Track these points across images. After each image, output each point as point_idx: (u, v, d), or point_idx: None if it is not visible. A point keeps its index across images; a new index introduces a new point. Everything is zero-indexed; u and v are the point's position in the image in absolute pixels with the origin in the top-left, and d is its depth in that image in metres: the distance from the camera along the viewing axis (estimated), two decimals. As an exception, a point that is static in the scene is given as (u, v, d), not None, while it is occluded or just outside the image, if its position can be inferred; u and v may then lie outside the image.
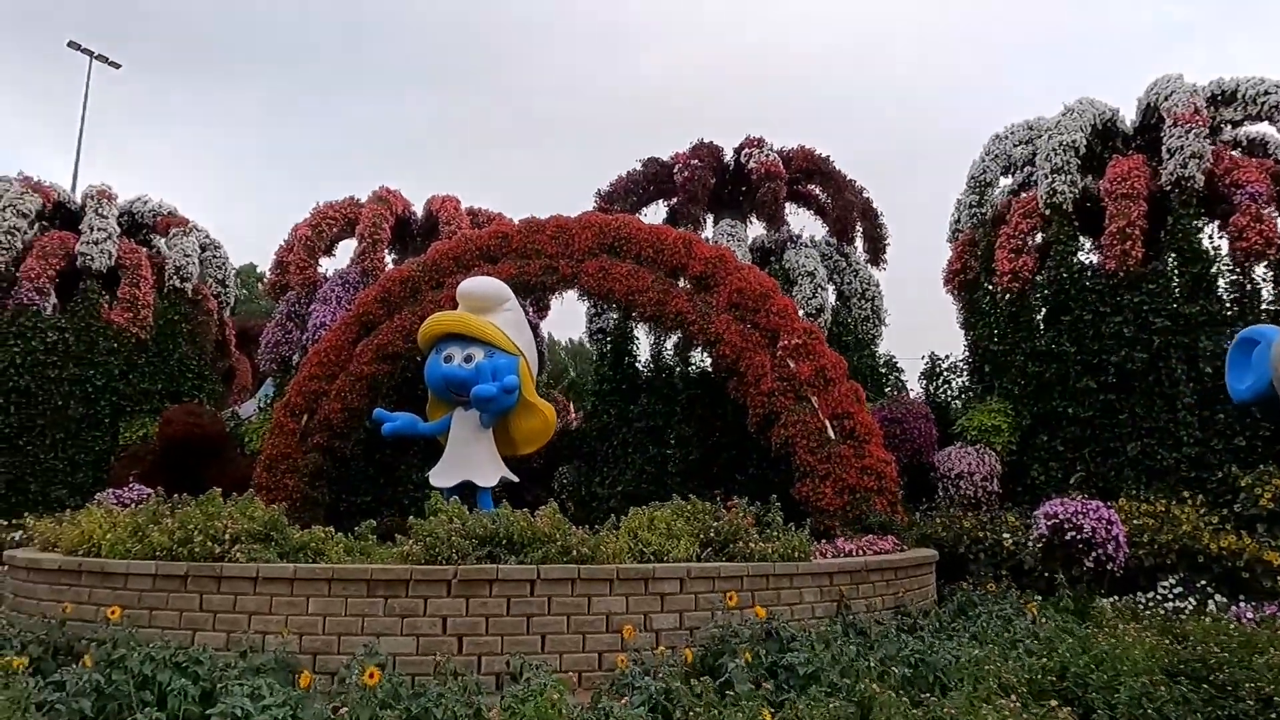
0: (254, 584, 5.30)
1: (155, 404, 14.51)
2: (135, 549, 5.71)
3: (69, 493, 13.52)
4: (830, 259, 13.34)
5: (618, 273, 11.03)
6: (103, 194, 14.83)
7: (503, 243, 11.77)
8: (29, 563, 6.12)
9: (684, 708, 3.90)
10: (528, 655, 5.11)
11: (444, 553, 5.32)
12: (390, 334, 11.76)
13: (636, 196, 13.68)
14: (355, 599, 5.20)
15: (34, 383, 13.53)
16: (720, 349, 10.39)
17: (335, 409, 11.66)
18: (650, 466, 12.27)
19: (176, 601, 5.40)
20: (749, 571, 5.87)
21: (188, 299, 15.36)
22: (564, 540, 5.49)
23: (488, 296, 9.63)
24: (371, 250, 14.01)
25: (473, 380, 8.91)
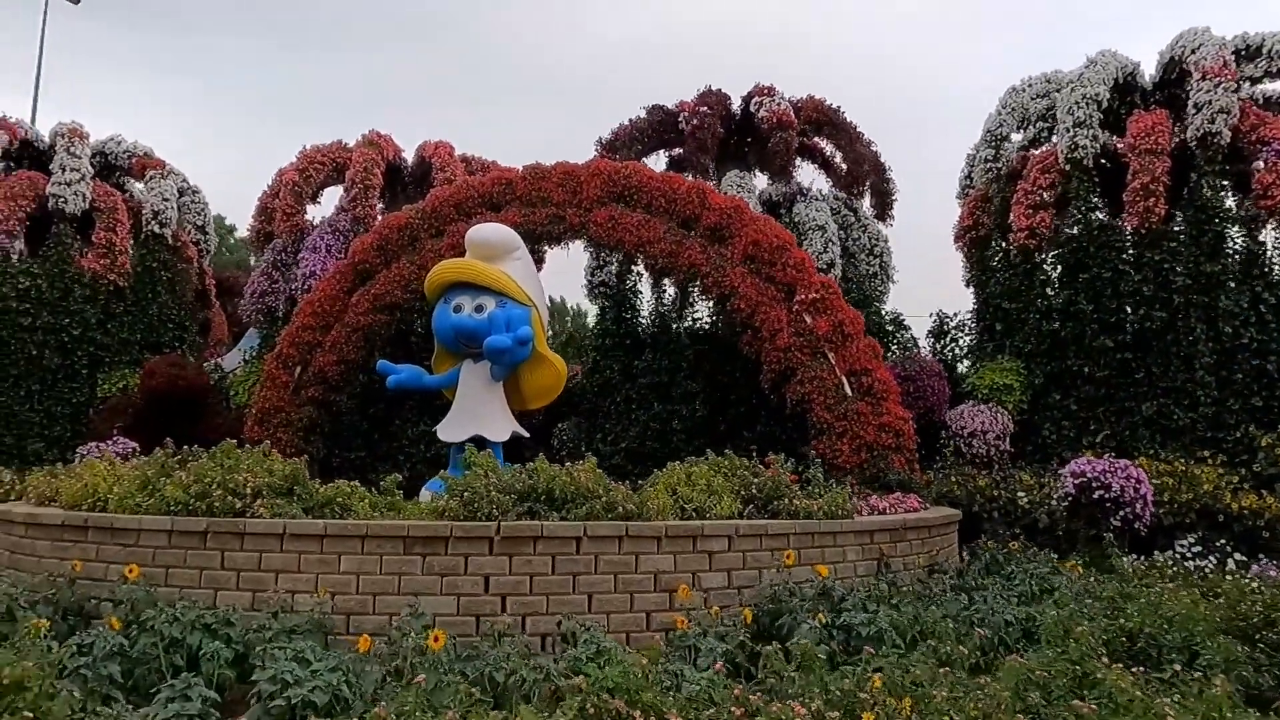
0: (280, 541, 4.97)
1: (135, 355, 13.92)
2: (147, 504, 5.33)
3: (46, 446, 12.98)
4: (839, 214, 13.04)
5: (628, 222, 10.64)
6: (74, 132, 14.01)
7: (507, 189, 11.30)
8: (28, 518, 5.72)
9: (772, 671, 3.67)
10: (574, 615, 4.86)
11: (483, 508, 5.02)
12: (388, 283, 11.29)
13: (641, 145, 13.22)
14: (391, 557, 4.90)
15: (6, 331, 12.88)
16: (735, 302, 10.09)
17: (330, 361, 11.22)
18: (655, 423, 12.01)
19: (195, 559, 5.06)
20: (795, 529, 5.66)
21: (166, 246, 14.67)
22: (609, 496, 5.21)
23: (498, 244, 9.20)
24: (363, 197, 13.44)
25: (485, 331, 8.53)
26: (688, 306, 13.15)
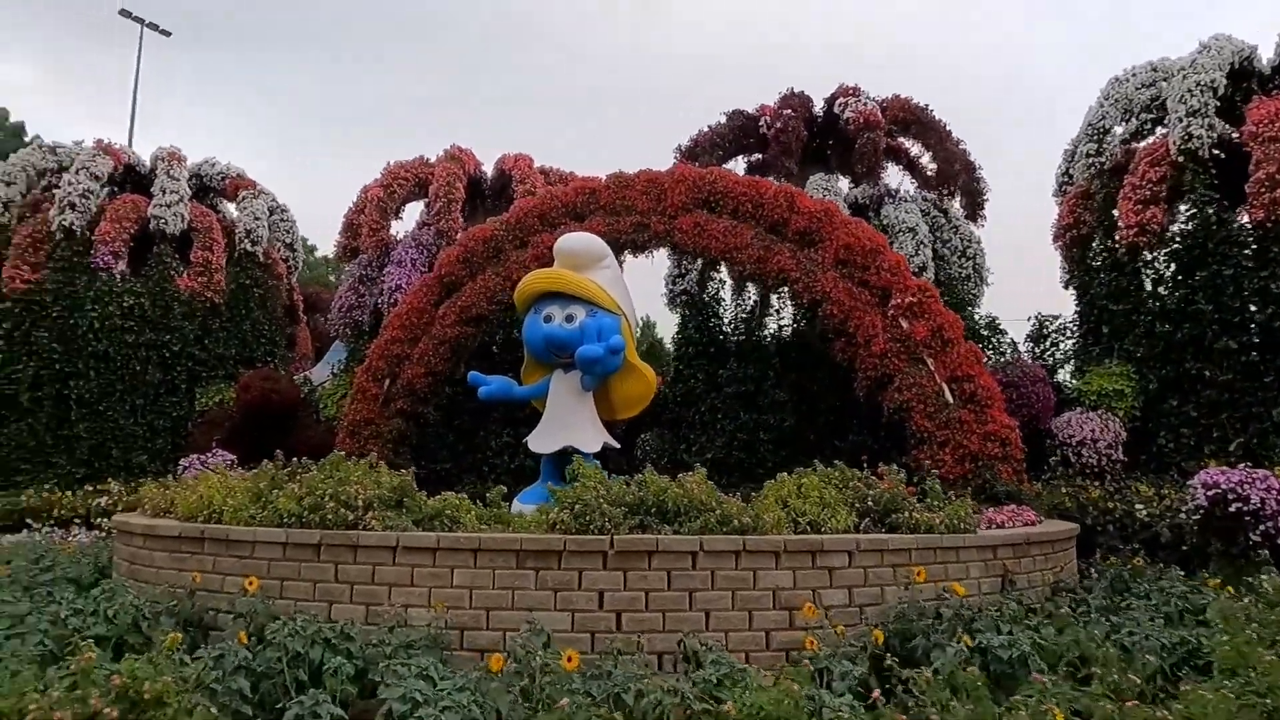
0: (393, 554, 4.92)
1: (230, 369, 14.35)
2: (260, 516, 5.36)
3: (149, 459, 13.45)
4: (928, 215, 12.60)
5: (714, 229, 10.46)
6: (173, 156, 14.57)
7: (590, 199, 11.26)
8: (146, 529, 5.82)
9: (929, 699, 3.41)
10: (692, 633, 4.67)
11: (595, 521, 4.88)
12: (473, 295, 11.37)
13: (722, 151, 13.04)
14: (504, 570, 4.80)
15: (112, 348, 13.40)
16: (827, 308, 9.80)
17: (418, 373, 11.34)
18: (742, 433, 11.77)
19: (309, 572, 5.05)
20: (917, 544, 5.35)
21: (258, 263, 15.12)
22: (723, 509, 5.01)
23: (586, 253, 9.10)
24: (446, 210, 13.59)
25: (576, 341, 8.43)
26: (768, 313, 12.92)
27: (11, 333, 13.22)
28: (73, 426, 13.23)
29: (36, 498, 11.84)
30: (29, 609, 5.05)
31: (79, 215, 13.47)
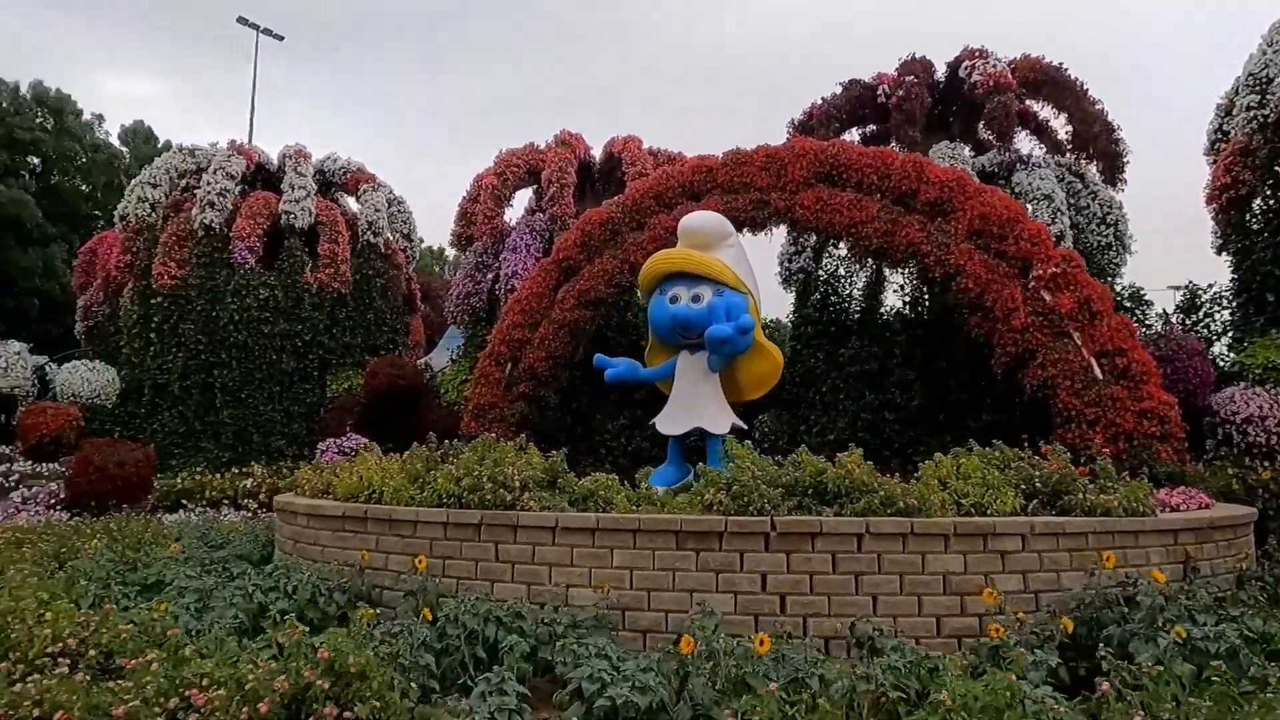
0: (552, 534, 4.96)
1: (357, 358, 14.93)
2: (419, 496, 5.49)
3: (286, 443, 14.14)
4: (1064, 180, 11.88)
5: (838, 203, 10.13)
6: (299, 153, 15.19)
7: (707, 177, 11.09)
8: (310, 509, 6.07)
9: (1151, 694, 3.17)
10: (859, 618, 4.51)
11: (754, 503, 4.77)
12: (592, 279, 11.40)
13: (839, 123, 12.62)
14: (664, 551, 4.76)
15: (250, 338, 14.14)
16: (961, 282, 9.35)
17: (539, 357, 11.48)
18: (866, 414, 11.44)
19: (470, 551, 5.14)
20: (1095, 527, 5.03)
21: (379, 254, 15.64)
22: (886, 490, 4.83)
23: (710, 232, 8.97)
24: (560, 195, 13.69)
25: (705, 321, 8.32)
26: (884, 289, 12.52)
27: (161, 325, 14.12)
28: (218, 413, 14.04)
29: (190, 480, 12.62)
30: (214, 584, 5.33)
31: (217, 213, 14.23)
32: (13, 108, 28.84)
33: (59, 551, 6.96)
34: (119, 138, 33.56)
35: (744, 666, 3.56)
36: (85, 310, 18.48)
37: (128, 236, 14.83)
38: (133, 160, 33.22)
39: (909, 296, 11.98)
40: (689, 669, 3.48)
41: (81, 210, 31.69)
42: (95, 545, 6.75)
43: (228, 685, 3.24)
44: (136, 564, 6.20)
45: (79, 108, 31.08)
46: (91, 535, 7.75)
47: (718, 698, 3.33)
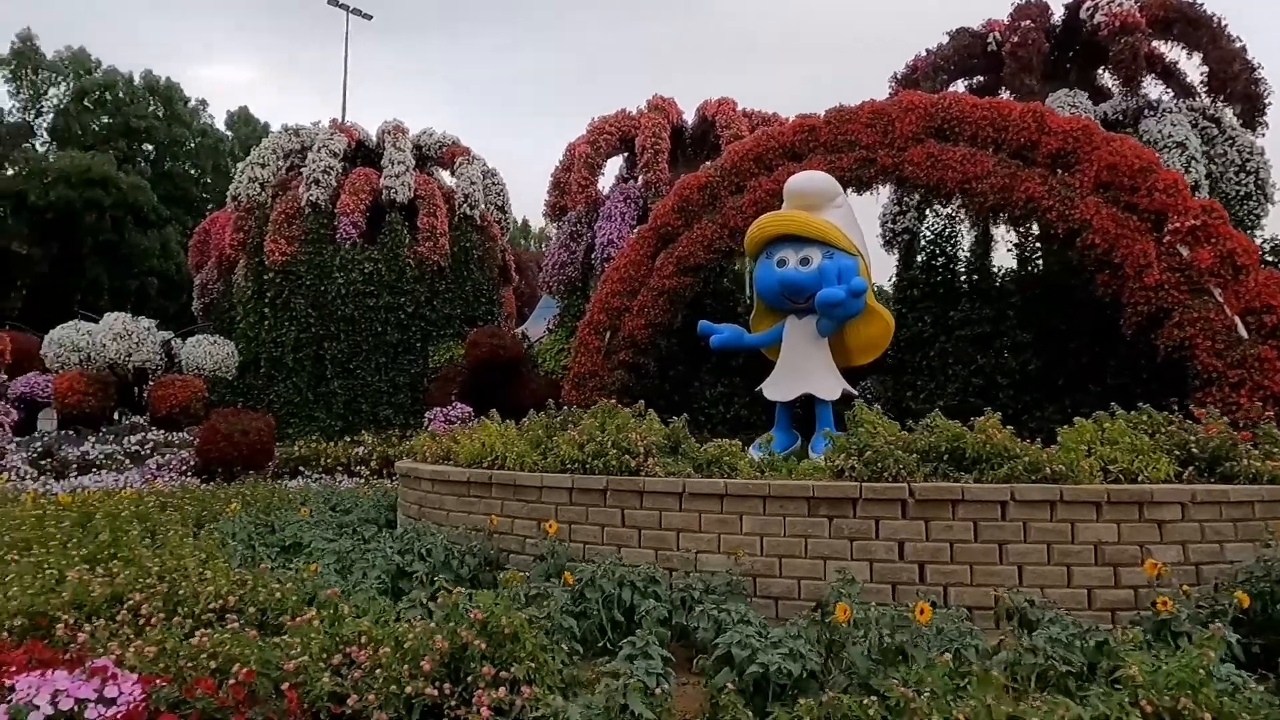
0: (679, 499, 4.92)
1: (456, 328, 15.24)
2: (543, 462, 5.54)
3: (393, 412, 14.60)
4: (1198, 126, 11.04)
5: (950, 158, 9.67)
6: (398, 129, 15.49)
7: (809, 136, 10.76)
8: (434, 475, 6.21)
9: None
10: (1003, 588, 4.32)
11: (889, 469, 4.62)
12: (690, 245, 11.27)
13: (946, 74, 12.04)
14: (795, 518, 4.66)
15: (357, 311, 14.59)
16: (1087, 238, 8.82)
17: (638, 324, 11.44)
18: (977, 379, 11.00)
19: (596, 516, 5.16)
20: (1263, 495, 4.67)
21: (475, 226, 15.86)
22: (1031, 456, 4.59)
23: (819, 192, 8.70)
24: (654, 161, 13.56)
25: (815, 284, 8.10)
26: (991, 248, 11.96)
27: (274, 300, 14.72)
28: (328, 384, 14.60)
29: (306, 448, 13.18)
30: (350, 546, 5.52)
31: (323, 190, 14.67)
32: (128, 97, 30.42)
33: (199, 514, 7.36)
34: (224, 123, 35.01)
35: (896, 635, 3.44)
36: (201, 288, 19.47)
37: (239, 215, 15.46)
38: (236, 144, 34.69)
39: (1024, 255, 11.40)
40: (841, 637, 3.38)
41: (191, 194, 33.33)
42: (234, 509, 7.09)
43: (386, 643, 3.33)
44: (273, 526, 6.48)
45: (186, 95, 32.51)
46: (227, 499, 8.16)
47: (873, 667, 3.23)
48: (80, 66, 30.27)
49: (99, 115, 30.27)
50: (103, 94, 29.80)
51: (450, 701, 3.06)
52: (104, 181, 25.93)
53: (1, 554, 4.81)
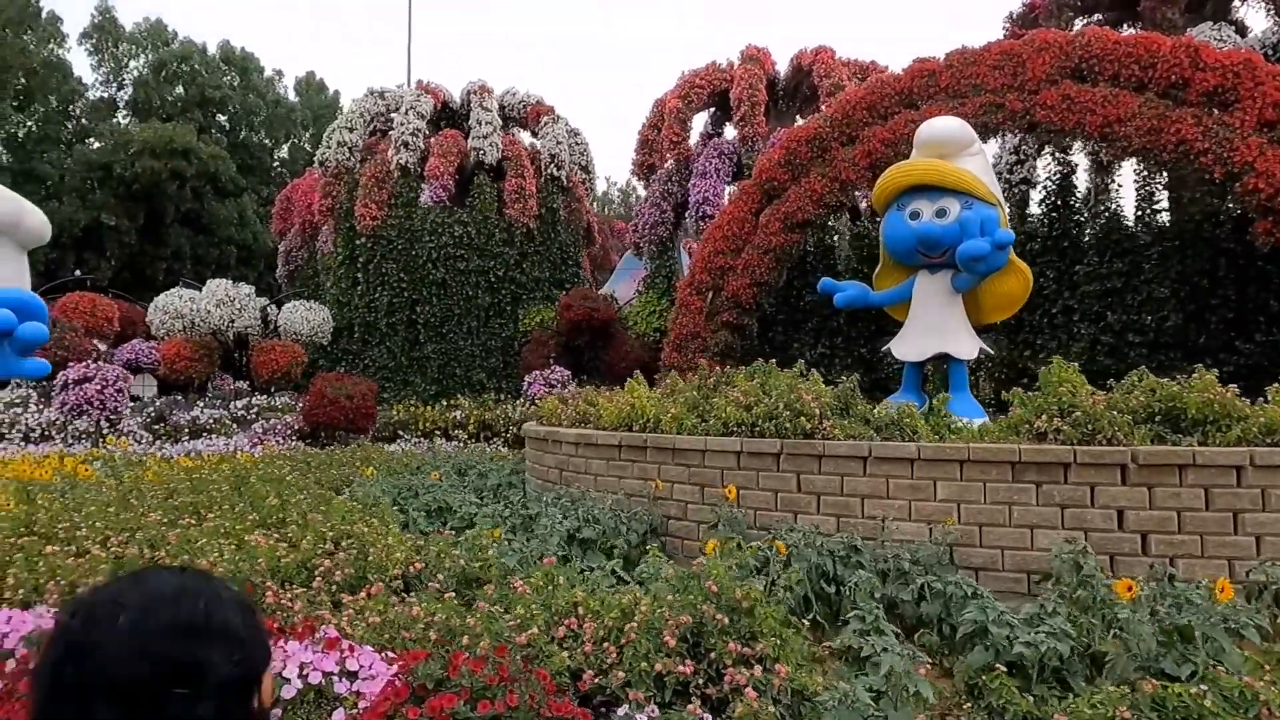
0: (863, 464, 4.63)
1: (545, 291, 15.08)
2: (701, 426, 5.29)
3: (486, 375, 14.56)
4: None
5: (1090, 100, 9.03)
6: (483, 89, 15.25)
7: (928, 82, 10.19)
8: (580, 438, 6.03)
9: None
10: (1235, 560, 3.95)
11: (1103, 430, 4.25)
12: (798, 199, 10.85)
13: (1073, 11, 11.23)
14: (997, 484, 4.34)
15: (448, 275, 14.52)
16: (1249, 182, 8.16)
17: (743, 284, 11.12)
18: (1106, 336, 10.44)
19: (768, 481, 4.91)
20: None
21: (561, 187, 15.60)
22: (1269, 417, 4.17)
23: (954, 139, 8.17)
24: (751, 114, 13.08)
25: (954, 237, 7.63)
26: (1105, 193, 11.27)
27: (366, 265, 14.73)
28: (422, 348, 14.62)
29: (404, 412, 13.24)
30: (508, 511, 5.38)
31: (411, 153, 14.55)
32: (204, 68, 30.77)
33: (331, 478, 7.34)
34: (293, 88, 35.25)
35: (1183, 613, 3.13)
36: (285, 255, 19.66)
37: (327, 181, 15.45)
38: (305, 112, 34.93)
39: (1161, 204, 10.68)
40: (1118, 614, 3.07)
41: (265, 162, 33.74)
42: (370, 473, 7.04)
43: (608, 614, 3.14)
44: (415, 490, 6.40)
45: (262, 65, 32.76)
46: (352, 463, 8.15)
47: (1159, 650, 2.92)
48: (158, 38, 30.69)
49: (175, 86, 30.74)
50: (179, 65, 30.19)
51: (698, 679, 2.85)
52: (186, 152, 26.35)
53: (172, 518, 4.79)
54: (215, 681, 0.90)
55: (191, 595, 0.94)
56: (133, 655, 0.87)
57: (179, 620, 0.90)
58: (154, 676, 0.87)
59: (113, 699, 0.86)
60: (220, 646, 0.92)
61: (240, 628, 0.96)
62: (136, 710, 0.86)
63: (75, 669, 0.87)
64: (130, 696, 0.86)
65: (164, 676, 0.88)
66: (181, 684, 0.88)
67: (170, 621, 0.90)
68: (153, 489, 5.90)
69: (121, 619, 0.89)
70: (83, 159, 27.23)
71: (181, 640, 0.90)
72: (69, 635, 0.89)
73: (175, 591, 0.94)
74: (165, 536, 4.29)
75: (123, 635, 0.88)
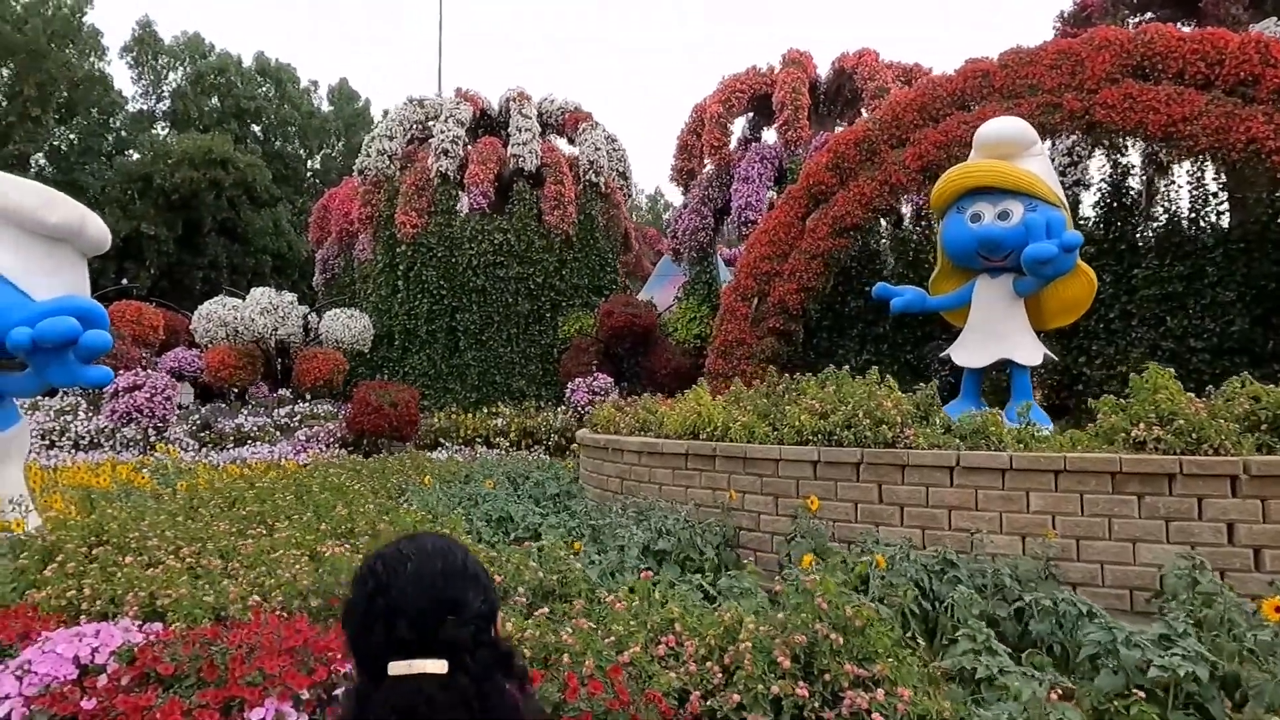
0: (950, 474, 4.47)
1: (584, 298, 15.00)
2: (772, 434, 5.15)
3: (526, 383, 14.50)
4: None
5: (1153, 99, 8.78)
6: (522, 96, 15.23)
7: (982, 83, 9.97)
8: (643, 447, 5.91)
9: None
10: (1361, 578, 3.73)
11: (1209, 439, 4.05)
12: (847, 204, 10.66)
13: (1128, 9, 10.96)
14: (1096, 495, 4.15)
15: (488, 282, 14.49)
16: (1326, 182, 7.86)
17: (790, 289, 10.94)
18: (1166, 342, 10.12)
19: (847, 492, 4.75)
20: None
21: (600, 193, 15.52)
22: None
23: (1015, 140, 7.97)
24: (795, 119, 12.92)
25: (1019, 240, 7.43)
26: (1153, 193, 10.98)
27: (407, 273, 14.74)
28: (461, 355, 14.59)
29: (445, 419, 13.20)
30: (574, 521, 5.27)
31: (451, 160, 14.55)
32: (239, 80, 31.17)
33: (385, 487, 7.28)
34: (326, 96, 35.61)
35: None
36: (322, 263, 19.78)
37: (367, 189, 15.50)
38: (338, 122, 35.28)
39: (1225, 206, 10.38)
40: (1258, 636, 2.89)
41: (299, 172, 34.09)
42: (428, 481, 6.97)
43: (709, 632, 3.00)
44: (476, 499, 6.31)
45: (298, 76, 33.13)
46: (404, 471, 8.09)
47: None
48: (196, 51, 31.15)
49: (211, 98, 31.18)
50: (216, 77, 30.62)
51: (813, 702, 2.71)
52: (224, 161, 26.67)
53: (240, 528, 4.72)
54: (472, 613, 1.23)
55: (450, 551, 1.28)
56: (418, 592, 1.21)
57: (445, 568, 1.25)
58: (433, 606, 1.22)
59: (408, 621, 1.19)
60: (474, 587, 1.26)
61: (482, 575, 1.30)
62: (424, 630, 1.20)
63: (383, 601, 1.21)
64: (419, 620, 1.20)
65: (439, 606, 1.22)
66: (451, 612, 1.22)
67: (440, 569, 1.24)
68: (213, 497, 5.87)
69: (409, 566, 1.23)
70: (123, 170, 27.67)
71: (448, 582, 1.24)
72: (376, 578, 1.24)
73: (439, 548, 1.28)
74: (236, 547, 4.23)
75: (411, 578, 1.22)
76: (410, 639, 1.19)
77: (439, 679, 1.18)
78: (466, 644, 1.21)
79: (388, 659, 1.19)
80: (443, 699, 1.16)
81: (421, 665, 1.17)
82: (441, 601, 1.21)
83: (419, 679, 1.17)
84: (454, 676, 1.19)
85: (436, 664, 1.18)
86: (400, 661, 1.17)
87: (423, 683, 1.17)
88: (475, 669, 1.21)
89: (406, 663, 1.17)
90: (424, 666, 1.17)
